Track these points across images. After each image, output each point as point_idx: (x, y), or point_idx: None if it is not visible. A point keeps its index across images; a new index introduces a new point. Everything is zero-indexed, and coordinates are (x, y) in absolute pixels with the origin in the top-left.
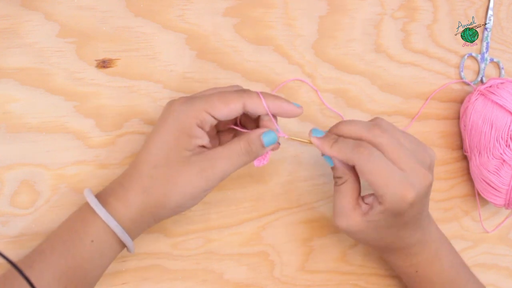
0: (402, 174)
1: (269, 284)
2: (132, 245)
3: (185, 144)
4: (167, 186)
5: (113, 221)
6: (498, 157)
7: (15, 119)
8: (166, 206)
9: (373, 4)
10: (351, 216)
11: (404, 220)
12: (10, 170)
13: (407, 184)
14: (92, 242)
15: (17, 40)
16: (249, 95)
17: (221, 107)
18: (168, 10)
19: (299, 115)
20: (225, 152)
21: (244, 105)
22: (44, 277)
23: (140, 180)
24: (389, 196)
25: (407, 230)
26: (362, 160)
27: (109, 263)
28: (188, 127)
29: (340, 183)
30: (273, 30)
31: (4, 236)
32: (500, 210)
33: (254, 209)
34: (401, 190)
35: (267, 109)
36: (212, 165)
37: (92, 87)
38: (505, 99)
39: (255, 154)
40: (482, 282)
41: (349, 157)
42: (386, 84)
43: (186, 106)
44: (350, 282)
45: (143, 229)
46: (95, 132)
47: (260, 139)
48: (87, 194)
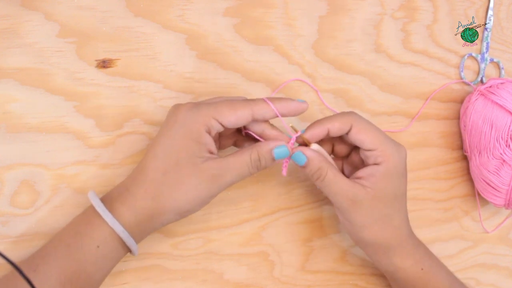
0: (388, 137)
1: (269, 284)
2: (136, 248)
3: (195, 150)
4: (178, 192)
5: (119, 226)
6: (498, 157)
7: (15, 119)
8: (175, 211)
9: (373, 4)
10: (357, 188)
11: (403, 186)
12: (10, 170)
13: (397, 143)
14: (98, 247)
15: (17, 40)
16: (255, 102)
17: (229, 114)
18: (168, 10)
19: (305, 110)
20: (236, 162)
21: (253, 112)
22: (48, 281)
23: (148, 186)
24: (390, 151)
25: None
26: (357, 119)
27: (112, 267)
28: (196, 133)
29: (323, 174)
30: (273, 30)
31: (4, 236)
32: (500, 210)
33: (254, 209)
34: (397, 145)
35: (276, 111)
36: (223, 174)
37: (92, 87)
38: (505, 99)
39: (264, 166)
40: (482, 282)
41: (345, 119)
42: (386, 84)
43: (194, 112)
44: (350, 282)
45: (148, 233)
46: (95, 132)
47: (271, 153)
48: (92, 198)
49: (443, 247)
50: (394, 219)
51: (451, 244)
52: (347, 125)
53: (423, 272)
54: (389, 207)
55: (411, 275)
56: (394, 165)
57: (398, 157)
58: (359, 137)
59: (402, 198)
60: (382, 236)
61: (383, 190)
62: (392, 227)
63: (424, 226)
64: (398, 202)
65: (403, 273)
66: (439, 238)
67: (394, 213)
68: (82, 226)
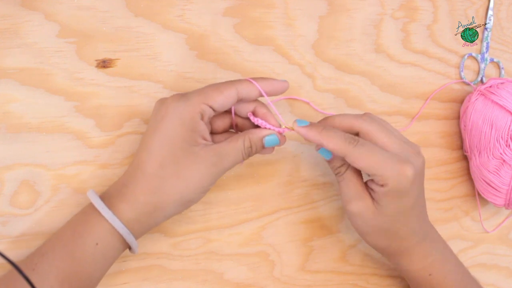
0: (395, 154)
1: (269, 284)
2: (136, 245)
3: (191, 139)
4: (179, 183)
5: (119, 222)
6: (498, 157)
7: (15, 119)
8: (177, 203)
9: (373, 4)
10: (362, 199)
11: (410, 202)
12: (10, 170)
13: (403, 160)
14: (96, 245)
15: (17, 40)
16: (240, 82)
17: (217, 95)
18: (168, 10)
19: (287, 88)
20: (231, 149)
21: (238, 92)
22: (47, 280)
23: (147, 181)
24: (390, 174)
25: (415, 219)
26: (350, 149)
27: (111, 264)
28: (190, 121)
29: (343, 171)
30: (273, 30)
31: (4, 236)
32: (500, 210)
33: (254, 209)
34: (399, 166)
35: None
36: (221, 160)
37: (92, 87)
38: (505, 99)
39: (254, 153)
40: (482, 282)
41: (339, 145)
42: (386, 84)
43: (183, 101)
44: (350, 282)
45: (149, 228)
46: (95, 132)
47: (262, 140)
48: (91, 196)
49: None
50: (399, 231)
51: (451, 244)
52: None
53: (431, 277)
54: (391, 222)
55: (417, 278)
56: (394, 187)
57: (399, 179)
58: (356, 164)
59: (409, 212)
60: (385, 244)
61: (384, 207)
62: (397, 237)
63: None
64: (403, 216)
65: (409, 274)
66: None
67: (398, 226)
68: (80, 224)
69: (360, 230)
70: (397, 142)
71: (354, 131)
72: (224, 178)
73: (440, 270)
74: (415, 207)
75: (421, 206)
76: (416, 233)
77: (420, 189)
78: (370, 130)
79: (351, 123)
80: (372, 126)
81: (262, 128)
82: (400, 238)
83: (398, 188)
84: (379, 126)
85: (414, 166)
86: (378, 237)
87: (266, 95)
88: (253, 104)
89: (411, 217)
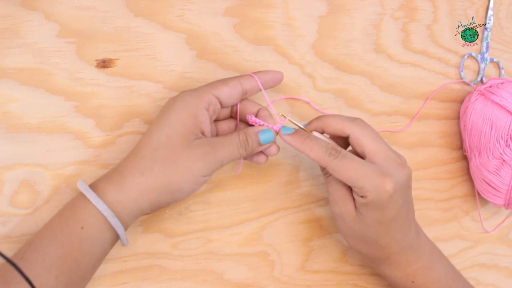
0: (377, 166)
1: (269, 284)
2: (123, 233)
3: (191, 127)
4: (168, 167)
5: (102, 204)
6: (498, 157)
7: (15, 119)
8: (166, 190)
9: (373, 4)
10: (345, 202)
11: (390, 214)
12: (10, 170)
13: (384, 174)
14: (82, 228)
15: (17, 40)
16: (243, 76)
17: (223, 86)
18: (168, 10)
19: (282, 78)
20: (225, 140)
21: (241, 84)
22: (35, 267)
23: (138, 162)
24: (369, 187)
25: (397, 230)
26: (330, 161)
27: (102, 252)
28: (196, 109)
29: (329, 173)
30: (273, 30)
31: (4, 236)
32: (500, 210)
33: (254, 209)
34: (379, 180)
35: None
36: (214, 150)
37: (92, 87)
38: (505, 99)
39: (251, 148)
40: (482, 282)
41: (320, 156)
42: (386, 84)
43: (191, 92)
44: (350, 282)
45: (136, 216)
46: (95, 132)
47: (257, 135)
48: (80, 183)
49: (443, 247)
50: (379, 240)
51: (451, 244)
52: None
53: (413, 284)
54: (371, 230)
55: (399, 285)
56: (373, 200)
57: (377, 192)
58: (336, 176)
59: (389, 223)
60: (365, 249)
61: (364, 216)
62: (377, 245)
63: (424, 226)
64: (383, 227)
65: (391, 280)
66: (439, 238)
67: (379, 235)
68: (67, 210)
69: (343, 232)
70: (383, 150)
71: (344, 134)
72: (224, 178)
73: (425, 278)
74: (397, 219)
75: (404, 217)
76: (398, 243)
77: (404, 200)
78: (360, 135)
79: (343, 125)
80: (362, 131)
81: (259, 126)
82: (380, 246)
83: (377, 201)
84: (369, 132)
85: (395, 180)
86: (359, 242)
87: (263, 89)
88: (257, 107)
89: (392, 228)
